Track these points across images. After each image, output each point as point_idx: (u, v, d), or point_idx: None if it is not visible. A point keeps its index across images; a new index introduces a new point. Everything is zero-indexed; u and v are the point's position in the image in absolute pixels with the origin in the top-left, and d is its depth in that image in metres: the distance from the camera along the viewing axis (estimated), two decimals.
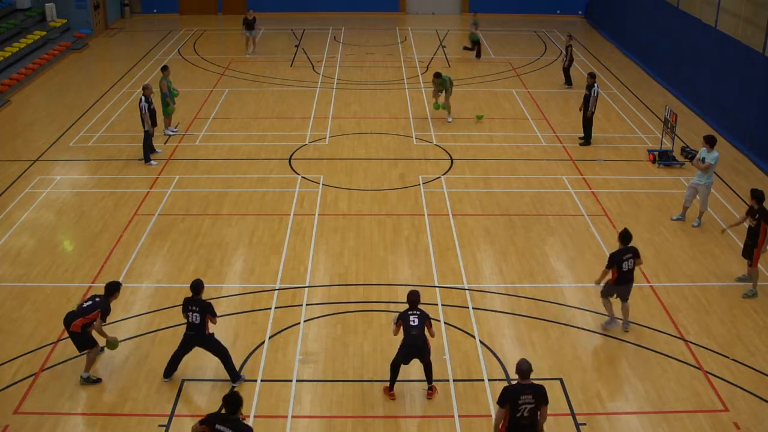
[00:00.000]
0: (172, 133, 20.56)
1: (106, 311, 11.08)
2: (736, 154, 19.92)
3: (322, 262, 14.49)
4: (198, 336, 10.98)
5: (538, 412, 8.82)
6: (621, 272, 12.11)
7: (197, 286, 11.00)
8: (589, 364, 11.72)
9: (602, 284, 12.39)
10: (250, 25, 28.48)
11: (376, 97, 24.06)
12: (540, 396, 8.77)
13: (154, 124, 18.86)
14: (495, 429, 8.91)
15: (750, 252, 13.39)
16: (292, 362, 11.67)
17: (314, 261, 14.52)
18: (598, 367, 11.65)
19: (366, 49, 30.40)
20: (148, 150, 18.84)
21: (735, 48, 21.06)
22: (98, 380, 11.16)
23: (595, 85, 19.85)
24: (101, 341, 11.27)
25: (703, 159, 15.49)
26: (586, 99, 19.85)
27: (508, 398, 8.71)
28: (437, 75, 21.34)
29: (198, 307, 10.86)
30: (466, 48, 28.65)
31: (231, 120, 21.94)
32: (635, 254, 12.19)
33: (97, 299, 11.08)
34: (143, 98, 18.48)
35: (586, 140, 20.23)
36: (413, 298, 10.76)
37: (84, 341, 11.05)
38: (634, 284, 13.77)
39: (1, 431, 10.31)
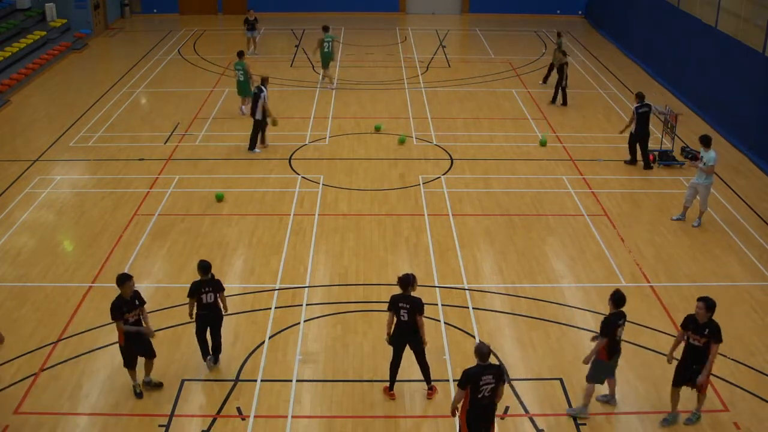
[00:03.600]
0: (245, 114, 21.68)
1: (114, 309, 10.54)
2: (736, 154, 19.92)
3: (322, 262, 14.49)
4: (212, 314, 11.17)
5: (497, 391, 9.15)
6: (613, 340, 10.27)
7: (208, 266, 11.08)
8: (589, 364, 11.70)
9: (589, 362, 10.44)
10: (251, 25, 28.47)
11: (376, 97, 24.05)
12: (499, 375, 9.08)
13: (267, 115, 19.41)
14: (452, 408, 9.26)
15: (695, 376, 10.23)
16: (292, 362, 11.68)
17: (314, 261, 14.52)
18: None
19: (366, 49, 30.40)
20: (256, 139, 19.44)
21: (735, 48, 21.06)
22: (160, 384, 11.11)
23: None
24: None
25: (701, 157, 15.44)
26: (643, 118, 18.28)
27: (469, 380, 8.95)
28: (325, 28, 23.89)
29: (211, 287, 11.05)
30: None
31: (231, 120, 21.93)
32: (625, 319, 10.43)
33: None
34: (263, 88, 19.17)
35: (633, 160, 18.84)
36: (402, 282, 10.50)
37: (127, 351, 10.82)
38: (634, 284, 13.83)
39: (1, 431, 10.31)
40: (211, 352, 11.51)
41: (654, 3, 27.48)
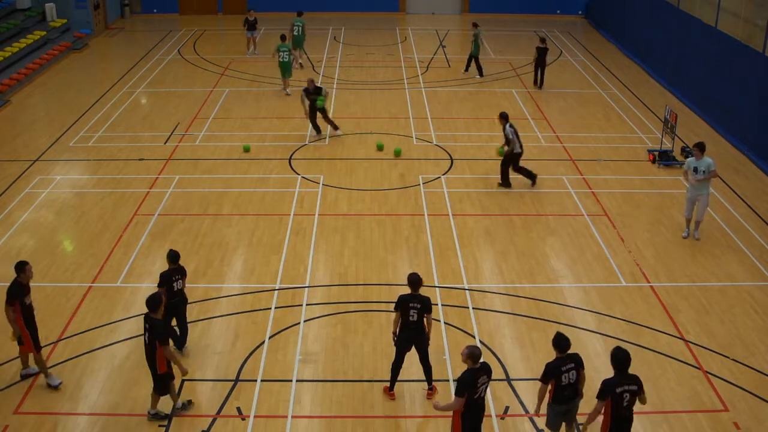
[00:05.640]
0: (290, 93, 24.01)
1: (161, 334, 10.04)
2: (736, 154, 19.92)
3: (322, 262, 14.49)
4: (182, 300, 11.54)
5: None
6: (559, 386, 9.35)
7: (178, 255, 11.47)
8: (589, 364, 11.65)
9: (542, 409, 9.71)
10: (251, 25, 28.48)
11: (376, 97, 24.06)
12: (490, 372, 9.23)
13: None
14: (443, 410, 9.32)
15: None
16: (292, 362, 11.68)
17: (314, 261, 14.52)
18: (598, 367, 11.64)
19: (366, 49, 30.41)
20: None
21: (735, 48, 21.06)
22: (166, 416, 10.52)
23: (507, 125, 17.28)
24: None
25: (696, 168, 14.74)
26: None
27: (468, 386, 8.97)
28: (299, 13, 25.42)
29: (180, 274, 11.44)
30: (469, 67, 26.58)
31: (231, 120, 21.94)
32: (579, 365, 9.41)
33: (147, 326, 10.08)
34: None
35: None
36: (416, 282, 10.47)
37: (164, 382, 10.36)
38: (634, 284, 13.83)
39: (1, 431, 10.31)
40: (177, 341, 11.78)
41: (654, 3, 27.49)
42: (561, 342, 9.32)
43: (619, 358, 8.97)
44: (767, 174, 18.74)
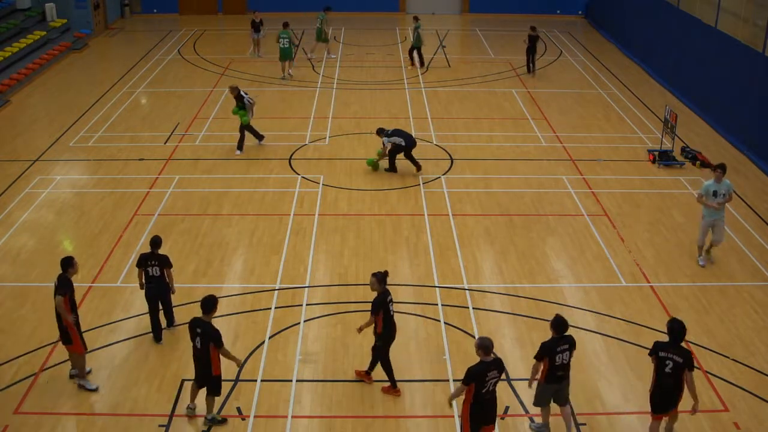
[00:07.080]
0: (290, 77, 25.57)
1: (215, 337, 9.99)
2: (736, 154, 19.92)
3: (322, 262, 14.49)
4: (157, 287, 11.82)
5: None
6: (552, 366, 9.74)
7: (156, 242, 11.87)
8: (589, 364, 11.72)
9: (533, 386, 10.10)
10: (257, 27, 28.45)
11: (376, 97, 24.06)
12: (502, 369, 9.29)
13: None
14: (451, 400, 9.71)
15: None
16: (292, 362, 11.68)
17: (314, 261, 14.52)
18: (598, 367, 11.66)
19: (366, 49, 30.41)
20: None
21: (735, 48, 21.07)
22: (224, 419, 10.48)
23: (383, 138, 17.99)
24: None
25: (715, 192, 13.92)
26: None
27: (474, 377, 9.03)
28: (325, 9, 26.82)
29: (157, 260, 11.82)
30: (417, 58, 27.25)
31: (231, 120, 21.92)
32: (572, 346, 9.85)
33: (198, 330, 10.06)
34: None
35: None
36: (383, 280, 10.65)
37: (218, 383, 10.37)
38: (634, 284, 13.84)
39: (1, 431, 10.31)
40: (166, 324, 12.19)
41: (654, 3, 27.49)
42: (560, 324, 9.78)
43: (673, 329, 9.45)
44: (767, 174, 18.74)
